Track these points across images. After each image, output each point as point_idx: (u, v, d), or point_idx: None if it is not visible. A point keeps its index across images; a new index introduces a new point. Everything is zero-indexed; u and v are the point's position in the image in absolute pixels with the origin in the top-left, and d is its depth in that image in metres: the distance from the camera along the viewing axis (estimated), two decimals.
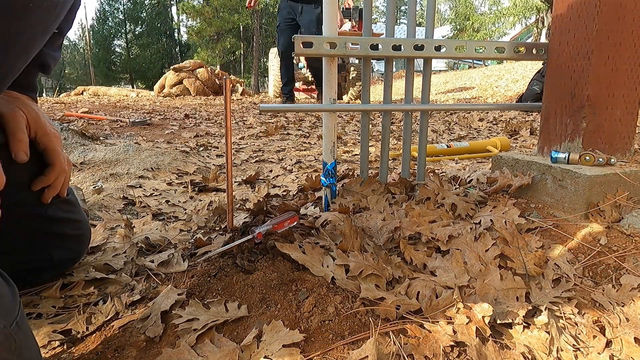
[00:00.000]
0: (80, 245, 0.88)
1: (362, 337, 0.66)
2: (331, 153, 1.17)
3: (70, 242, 0.85)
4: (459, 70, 17.72)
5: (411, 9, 1.20)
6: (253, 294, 0.76)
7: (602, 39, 1.04)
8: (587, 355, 0.66)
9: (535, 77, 4.90)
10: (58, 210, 0.81)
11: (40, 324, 0.72)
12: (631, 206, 0.99)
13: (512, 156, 1.23)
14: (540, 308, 0.74)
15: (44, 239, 0.79)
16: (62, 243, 0.82)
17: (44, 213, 0.78)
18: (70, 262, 0.88)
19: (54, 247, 0.81)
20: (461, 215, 1.05)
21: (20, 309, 0.52)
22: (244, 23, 24.88)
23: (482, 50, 1.23)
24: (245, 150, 2.53)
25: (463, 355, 0.64)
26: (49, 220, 0.79)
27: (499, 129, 3.54)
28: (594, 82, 1.06)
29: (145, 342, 0.68)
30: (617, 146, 1.13)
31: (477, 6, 28.22)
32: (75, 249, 0.87)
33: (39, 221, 0.78)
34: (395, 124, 3.94)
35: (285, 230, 0.99)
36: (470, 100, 8.23)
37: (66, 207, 0.83)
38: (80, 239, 0.87)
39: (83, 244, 0.89)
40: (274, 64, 10.19)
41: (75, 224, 0.85)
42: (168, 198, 1.47)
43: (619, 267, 0.86)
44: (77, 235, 0.86)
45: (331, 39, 1.07)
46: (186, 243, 1.03)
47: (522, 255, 0.88)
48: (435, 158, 2.20)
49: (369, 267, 0.83)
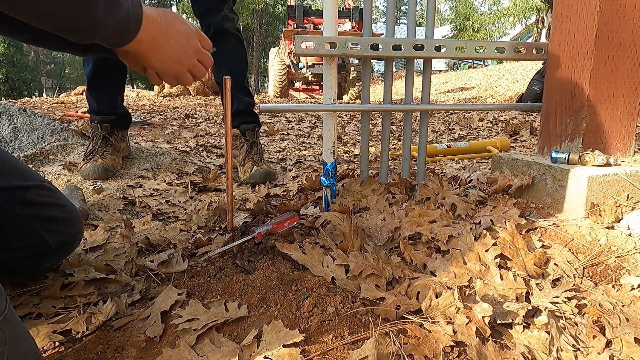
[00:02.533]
0: (71, 228, 0.88)
1: (362, 337, 0.66)
2: (331, 153, 1.17)
3: (60, 226, 0.85)
4: (459, 70, 17.72)
5: (411, 9, 1.20)
6: (253, 294, 0.76)
7: (602, 39, 1.04)
8: (587, 355, 0.66)
9: (535, 77, 4.90)
10: (36, 195, 0.82)
11: (40, 324, 0.72)
12: (631, 206, 0.99)
13: (512, 156, 1.23)
14: (540, 308, 0.74)
15: (32, 223, 0.80)
16: (52, 226, 0.83)
17: (24, 198, 0.80)
18: (67, 246, 0.88)
19: (46, 231, 0.82)
20: (461, 215, 1.05)
21: (7, 304, 0.53)
22: (244, 23, 24.88)
23: (482, 50, 1.23)
24: None
25: (463, 355, 0.64)
26: (31, 204, 0.80)
27: (499, 129, 3.54)
28: (594, 82, 1.06)
29: (145, 342, 0.68)
30: (617, 146, 1.13)
31: (477, 6, 28.23)
32: (67, 232, 0.87)
33: (21, 206, 0.79)
34: (395, 124, 3.94)
35: (285, 230, 0.99)
36: (470, 100, 8.23)
37: (45, 192, 0.84)
38: (70, 221, 0.87)
39: (74, 226, 0.89)
40: (274, 63, 10.19)
41: (60, 208, 0.86)
42: (168, 198, 1.47)
43: (619, 267, 0.86)
44: (65, 218, 0.86)
45: (331, 38, 1.07)
46: (186, 243, 1.03)
47: (522, 255, 0.88)
48: (435, 158, 2.20)
49: (369, 267, 0.83)
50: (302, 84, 10.45)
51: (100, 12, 0.56)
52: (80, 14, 0.55)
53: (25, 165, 0.88)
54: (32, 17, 0.53)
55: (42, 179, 0.86)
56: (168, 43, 0.71)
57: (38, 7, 0.52)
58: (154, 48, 0.69)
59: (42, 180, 0.86)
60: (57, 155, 1.85)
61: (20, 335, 0.55)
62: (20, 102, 5.59)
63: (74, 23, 0.56)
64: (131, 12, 0.62)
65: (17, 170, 0.83)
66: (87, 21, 0.56)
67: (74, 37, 0.59)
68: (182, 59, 0.74)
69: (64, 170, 1.67)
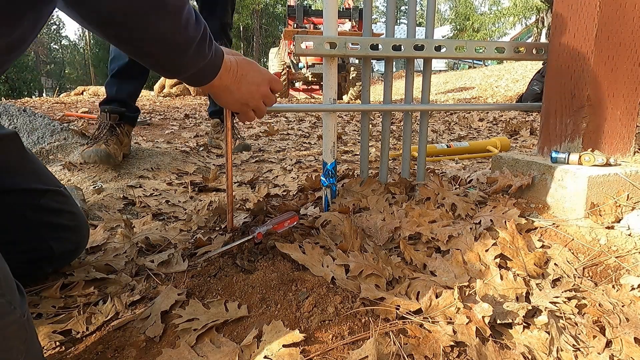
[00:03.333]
0: (77, 236, 0.88)
1: (362, 337, 0.66)
2: (331, 153, 1.17)
3: (67, 233, 0.85)
4: (459, 70, 17.72)
5: (411, 9, 1.20)
6: (253, 294, 0.76)
7: (602, 39, 1.04)
8: (587, 355, 0.66)
9: (535, 77, 4.90)
10: (51, 201, 0.82)
11: (40, 324, 0.72)
12: (631, 206, 0.99)
13: (512, 156, 1.23)
14: (540, 308, 0.74)
15: (41, 229, 0.81)
16: (60, 234, 0.83)
17: (37, 202, 0.80)
18: (71, 254, 0.88)
19: (52, 238, 0.82)
20: (461, 215, 1.05)
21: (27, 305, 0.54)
22: (244, 23, 24.87)
23: (482, 50, 1.23)
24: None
25: (463, 356, 0.64)
26: (43, 210, 0.81)
27: (499, 129, 3.54)
28: (594, 82, 1.06)
29: (145, 342, 0.68)
30: (617, 146, 1.13)
31: (477, 6, 28.22)
32: (73, 239, 0.87)
33: (33, 211, 0.80)
34: (395, 124, 3.94)
35: (285, 230, 0.99)
36: (470, 100, 8.23)
37: (60, 198, 0.85)
38: (77, 229, 0.88)
39: (81, 235, 0.89)
40: (274, 63, 10.19)
41: (70, 215, 0.86)
42: (168, 198, 1.47)
43: (619, 267, 0.86)
44: (73, 226, 0.87)
45: (331, 38, 1.07)
46: (186, 243, 1.03)
47: (522, 255, 0.88)
48: (435, 158, 2.20)
49: (369, 267, 0.83)
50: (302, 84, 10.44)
51: (188, 60, 0.68)
52: (173, 57, 0.67)
53: (46, 168, 0.89)
54: (136, 55, 0.66)
55: (59, 184, 0.87)
56: (239, 89, 0.83)
57: (144, 50, 0.64)
58: (224, 92, 0.82)
59: (59, 186, 0.86)
60: (57, 155, 1.85)
61: (34, 336, 0.56)
62: (20, 102, 5.59)
63: (166, 65, 0.69)
64: (211, 63, 0.74)
65: (38, 173, 0.84)
66: (176, 64, 0.69)
67: (163, 73, 0.71)
68: (249, 102, 0.86)
69: (64, 170, 1.67)
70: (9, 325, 0.48)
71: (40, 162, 0.90)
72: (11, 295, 0.50)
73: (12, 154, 0.80)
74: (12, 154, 0.80)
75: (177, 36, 0.64)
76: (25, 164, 0.82)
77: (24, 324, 0.51)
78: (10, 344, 0.49)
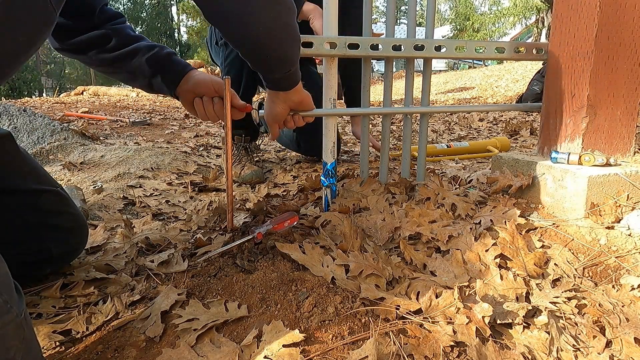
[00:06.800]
0: (76, 237, 0.88)
1: (362, 337, 0.66)
2: (331, 153, 1.17)
3: (66, 235, 0.85)
4: (459, 71, 17.72)
5: (411, 9, 1.20)
6: (253, 294, 0.76)
7: (602, 39, 1.04)
8: (587, 355, 0.66)
9: (535, 77, 4.89)
10: (50, 202, 0.82)
11: (40, 324, 0.72)
12: (631, 206, 0.99)
13: (512, 156, 1.23)
14: (540, 308, 0.74)
15: (40, 230, 0.81)
16: (59, 235, 0.83)
17: (36, 203, 0.80)
18: (69, 255, 0.88)
19: (51, 239, 0.82)
20: (461, 215, 1.05)
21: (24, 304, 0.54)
22: None
23: (482, 51, 1.23)
24: None
25: (463, 355, 0.64)
26: (42, 212, 0.81)
27: (499, 129, 3.54)
28: (594, 82, 1.06)
29: (145, 342, 0.68)
30: (617, 146, 1.13)
31: (477, 6, 28.20)
32: (72, 241, 0.87)
33: (32, 211, 0.80)
34: (395, 124, 3.94)
35: (285, 230, 0.99)
36: (470, 101, 8.23)
37: (59, 199, 0.85)
38: (76, 231, 0.88)
39: (80, 236, 0.89)
40: None
41: (69, 216, 0.86)
42: (168, 198, 1.47)
43: (619, 267, 0.86)
44: (72, 227, 0.87)
45: (331, 39, 1.07)
46: (186, 243, 1.03)
47: (522, 255, 0.88)
48: (435, 158, 2.19)
49: (369, 267, 0.83)
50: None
51: (295, 56, 0.85)
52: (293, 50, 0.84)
53: (43, 169, 0.89)
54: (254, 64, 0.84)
55: (56, 184, 0.86)
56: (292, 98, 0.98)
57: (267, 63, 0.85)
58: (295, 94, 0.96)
59: (57, 186, 0.86)
60: (57, 155, 1.85)
61: (32, 336, 0.56)
62: (20, 102, 5.59)
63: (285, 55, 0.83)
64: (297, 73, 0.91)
65: (35, 173, 0.83)
66: (292, 56, 0.84)
67: (277, 64, 0.84)
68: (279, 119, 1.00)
69: (64, 170, 1.67)
70: (6, 325, 0.49)
71: (37, 162, 0.90)
72: (8, 294, 0.50)
73: (8, 154, 0.79)
74: (9, 154, 0.79)
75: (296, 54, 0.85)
76: (22, 164, 0.82)
77: (22, 323, 0.51)
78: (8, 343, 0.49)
